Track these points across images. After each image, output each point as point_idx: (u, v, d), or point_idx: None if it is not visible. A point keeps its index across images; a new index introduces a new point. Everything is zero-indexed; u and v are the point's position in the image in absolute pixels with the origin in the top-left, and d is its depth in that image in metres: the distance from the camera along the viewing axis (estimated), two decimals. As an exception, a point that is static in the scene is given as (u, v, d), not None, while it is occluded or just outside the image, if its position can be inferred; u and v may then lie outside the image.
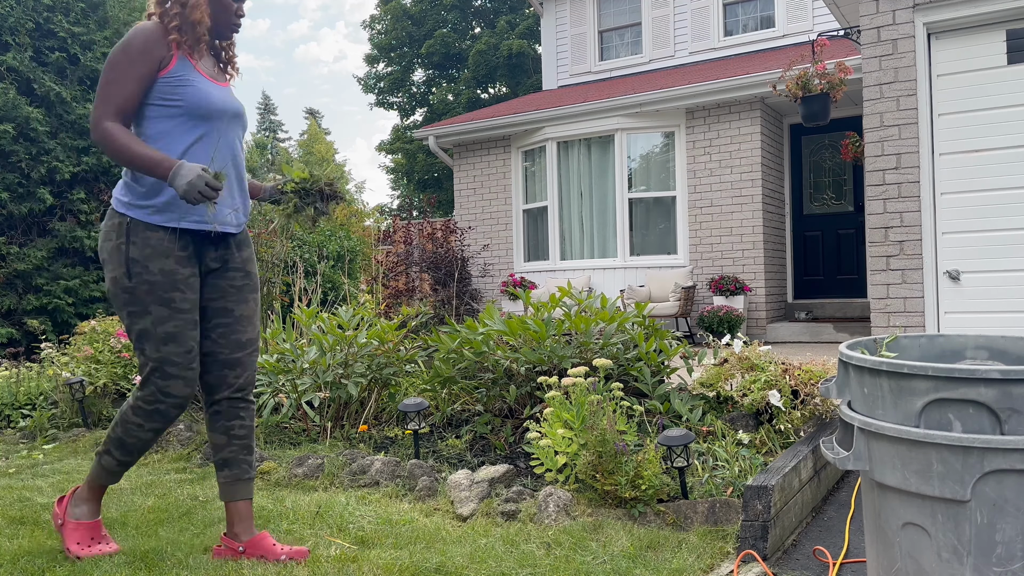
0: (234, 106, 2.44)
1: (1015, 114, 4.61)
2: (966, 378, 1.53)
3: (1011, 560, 1.54)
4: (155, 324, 2.31)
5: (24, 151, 7.71)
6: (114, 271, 2.33)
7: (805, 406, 3.41)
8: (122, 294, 2.33)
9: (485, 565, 2.31)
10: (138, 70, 2.26)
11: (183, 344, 2.33)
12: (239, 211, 2.47)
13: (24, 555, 2.46)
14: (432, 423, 4.01)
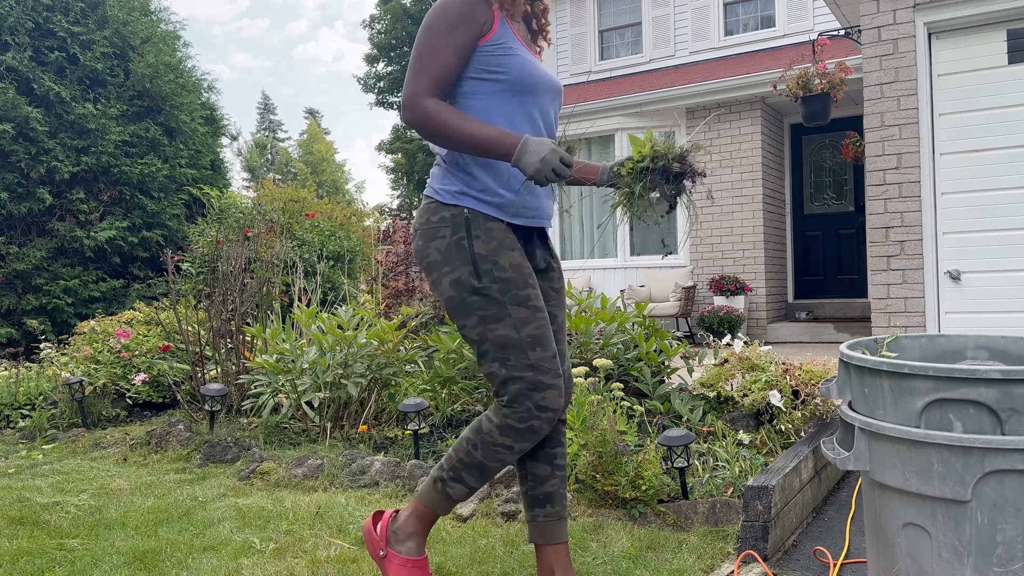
0: (555, 81, 2.08)
1: (1016, 114, 4.61)
2: (967, 378, 1.53)
3: (1011, 560, 1.54)
4: (518, 328, 1.93)
5: (23, 151, 7.70)
6: (456, 272, 1.95)
7: (806, 406, 3.41)
8: (471, 297, 1.94)
9: (485, 566, 2.30)
10: (458, 38, 1.90)
11: (549, 347, 1.95)
12: (552, 201, 2.14)
13: (24, 555, 2.46)
14: (432, 423, 4.01)
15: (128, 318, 5.77)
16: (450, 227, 1.96)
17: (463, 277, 1.95)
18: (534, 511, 2.06)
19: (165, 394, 5.07)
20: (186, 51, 9.83)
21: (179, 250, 8.67)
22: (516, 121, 1.97)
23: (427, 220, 2.00)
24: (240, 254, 4.80)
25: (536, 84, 1.99)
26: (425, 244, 2.00)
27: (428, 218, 2.00)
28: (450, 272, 1.96)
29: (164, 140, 8.99)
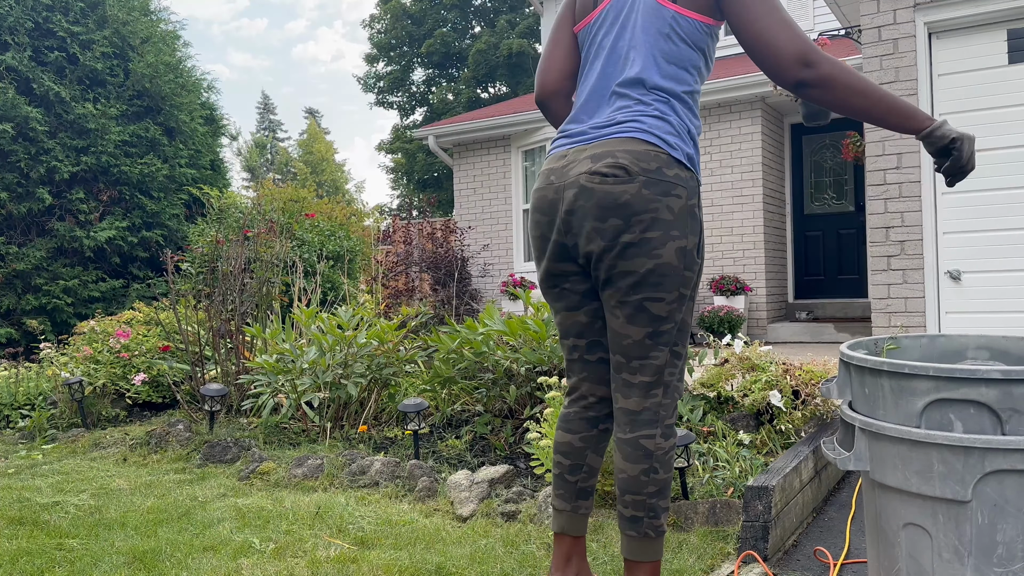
0: None
1: (1015, 114, 4.61)
2: (967, 378, 1.53)
3: (1012, 560, 1.54)
4: (690, 315, 1.86)
5: (23, 151, 7.70)
6: (686, 241, 1.77)
7: (806, 406, 3.41)
8: (685, 272, 1.78)
9: (485, 566, 2.30)
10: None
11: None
12: None
13: (24, 555, 2.45)
14: (432, 423, 4.00)
15: (128, 318, 5.77)
16: (686, 189, 1.77)
17: (689, 247, 1.78)
18: (578, 503, 1.98)
19: (165, 394, 5.06)
20: (186, 51, 9.83)
21: (179, 250, 8.67)
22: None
23: (659, 170, 1.74)
24: (240, 254, 4.80)
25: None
26: (656, 196, 1.73)
27: (661, 168, 1.74)
28: (680, 238, 1.76)
29: (164, 140, 8.99)
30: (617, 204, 1.75)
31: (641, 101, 1.83)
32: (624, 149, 1.77)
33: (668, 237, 1.75)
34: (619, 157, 1.76)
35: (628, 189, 1.74)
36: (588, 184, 1.77)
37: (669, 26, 1.81)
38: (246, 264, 4.85)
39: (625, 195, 1.74)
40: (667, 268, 1.76)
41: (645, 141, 1.78)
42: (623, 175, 1.75)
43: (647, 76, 1.82)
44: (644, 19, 1.83)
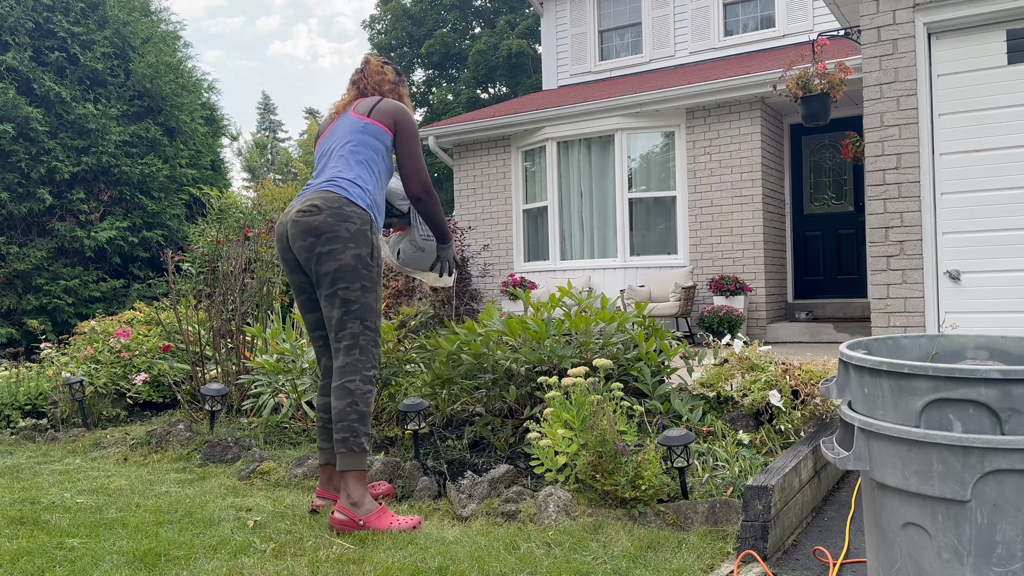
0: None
1: (1015, 114, 4.61)
2: (966, 378, 1.53)
3: (1011, 560, 1.54)
4: (376, 302, 2.85)
5: (24, 151, 7.70)
6: (359, 249, 2.80)
7: (805, 406, 3.41)
8: (362, 270, 2.80)
9: (486, 565, 2.30)
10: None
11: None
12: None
13: (24, 555, 2.46)
14: (432, 423, 4.01)
15: (128, 318, 5.77)
16: (360, 219, 2.83)
17: (363, 254, 2.81)
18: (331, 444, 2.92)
19: (165, 394, 5.07)
20: (186, 51, 9.83)
21: (179, 250, 8.67)
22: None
23: (340, 207, 2.81)
24: (240, 254, 4.80)
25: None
26: (336, 222, 2.78)
27: (342, 207, 2.81)
28: (355, 247, 2.79)
29: (164, 140, 8.99)
30: (320, 231, 2.79)
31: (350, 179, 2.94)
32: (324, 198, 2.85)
33: (346, 247, 2.78)
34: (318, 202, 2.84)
35: (319, 221, 2.80)
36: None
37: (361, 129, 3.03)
38: (247, 264, 4.85)
39: (319, 225, 2.79)
40: (345, 268, 2.78)
41: (335, 193, 2.85)
42: (313, 212, 2.81)
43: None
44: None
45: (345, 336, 2.80)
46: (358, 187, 2.88)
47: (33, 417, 4.86)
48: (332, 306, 2.80)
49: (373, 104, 3.05)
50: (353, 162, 2.93)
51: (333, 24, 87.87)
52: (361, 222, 2.82)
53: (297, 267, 2.94)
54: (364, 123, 3.00)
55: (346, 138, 2.99)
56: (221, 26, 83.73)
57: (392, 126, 3.01)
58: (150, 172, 8.59)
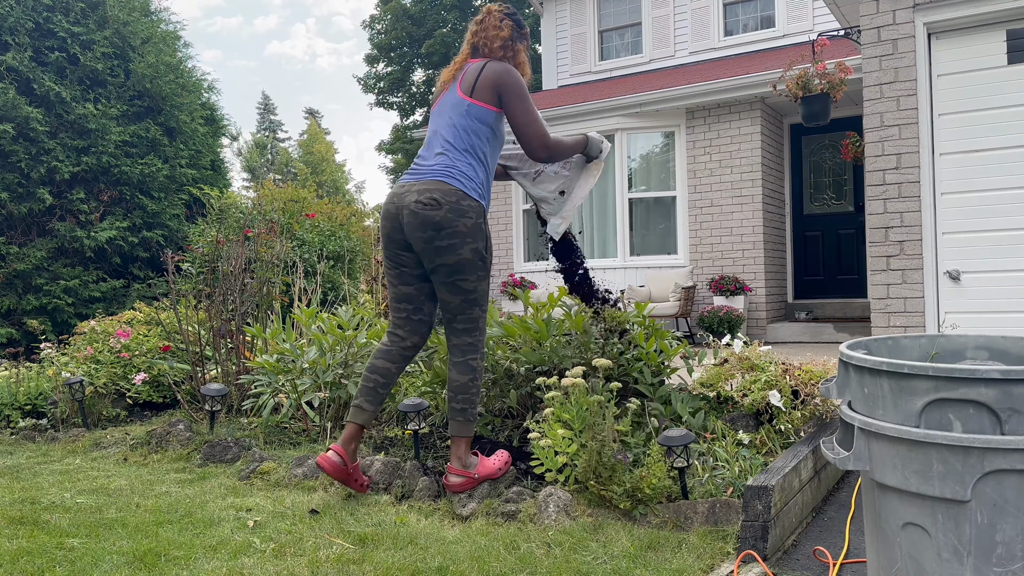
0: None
1: (1015, 114, 4.61)
2: (966, 378, 1.53)
3: (1011, 560, 1.54)
4: (488, 285, 3.07)
5: (24, 151, 7.70)
6: (476, 243, 2.95)
7: (805, 406, 3.41)
8: (478, 261, 2.97)
9: (486, 565, 2.30)
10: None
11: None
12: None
13: (24, 555, 2.46)
14: (432, 423, 4.01)
15: (128, 318, 5.77)
16: (476, 212, 2.96)
17: (480, 247, 2.97)
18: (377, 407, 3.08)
19: (165, 394, 5.07)
20: (186, 51, 9.83)
21: (179, 250, 8.67)
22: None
23: (458, 202, 2.91)
24: (240, 254, 4.80)
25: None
26: (456, 218, 2.90)
27: (459, 200, 2.91)
28: (472, 242, 2.94)
29: (164, 140, 8.99)
30: (440, 225, 2.92)
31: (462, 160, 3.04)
32: (442, 191, 2.94)
33: (464, 242, 2.94)
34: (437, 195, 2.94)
35: (440, 215, 2.92)
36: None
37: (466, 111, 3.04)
38: (246, 264, 4.85)
39: (441, 219, 2.92)
40: (465, 261, 2.95)
41: (452, 186, 2.95)
42: (434, 205, 2.92)
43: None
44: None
45: (465, 320, 3.02)
46: (471, 179, 2.96)
47: (33, 417, 4.86)
48: (452, 294, 3.00)
49: (476, 76, 3.00)
50: (462, 150, 2.98)
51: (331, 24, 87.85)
52: (476, 215, 2.95)
53: (404, 247, 3.03)
54: (467, 104, 2.99)
55: (453, 120, 3.00)
56: (219, 26, 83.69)
57: (496, 100, 3.00)
58: (150, 172, 8.59)
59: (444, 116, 3.05)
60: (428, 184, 2.93)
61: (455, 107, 3.01)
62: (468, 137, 2.99)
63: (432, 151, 3.03)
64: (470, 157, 2.98)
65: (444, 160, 2.96)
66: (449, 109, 3.03)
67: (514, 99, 2.99)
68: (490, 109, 2.99)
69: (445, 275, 2.95)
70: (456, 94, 3.03)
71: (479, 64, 3.03)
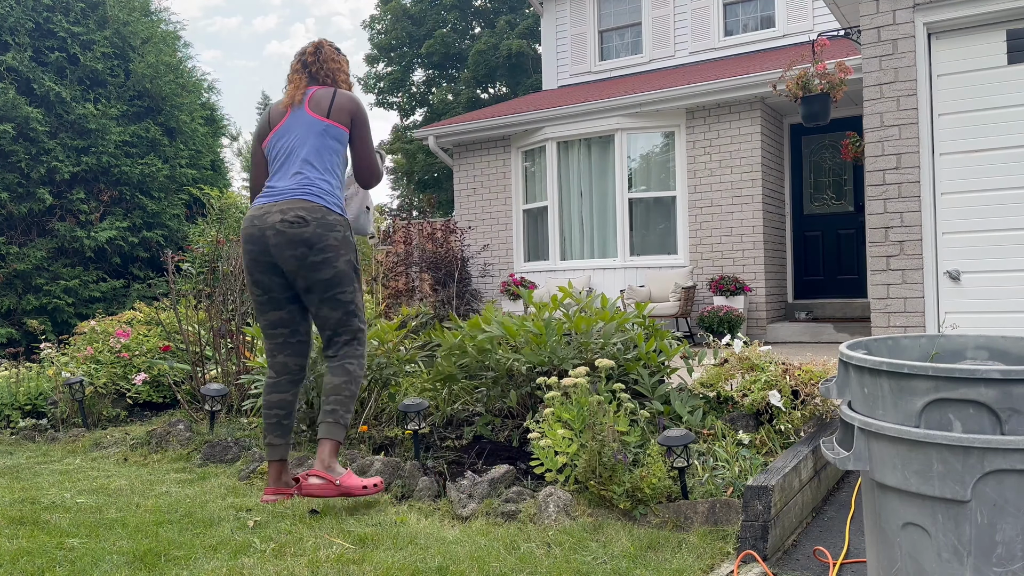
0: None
1: (1015, 114, 4.61)
2: (966, 378, 1.53)
3: (1011, 560, 1.54)
4: (362, 298, 3.17)
5: (24, 151, 7.70)
6: (349, 255, 3.06)
7: (805, 406, 3.41)
8: (352, 273, 3.07)
9: (486, 565, 2.30)
10: None
11: None
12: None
13: (24, 555, 2.46)
14: (432, 423, 4.01)
15: (128, 318, 5.77)
16: (343, 226, 3.07)
17: (352, 259, 3.07)
18: (288, 438, 3.15)
19: (165, 394, 5.07)
20: (186, 51, 9.83)
21: (179, 250, 8.67)
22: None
23: (323, 217, 3.00)
24: (240, 254, 4.80)
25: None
26: (325, 232, 2.98)
27: (325, 216, 3.01)
28: (345, 254, 3.04)
29: (164, 140, 8.99)
30: (312, 241, 2.97)
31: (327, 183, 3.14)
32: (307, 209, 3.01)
33: (338, 255, 3.02)
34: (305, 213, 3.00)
35: (310, 232, 2.98)
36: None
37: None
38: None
39: (310, 236, 2.97)
40: (341, 273, 3.03)
41: (315, 203, 3.03)
42: (302, 223, 2.98)
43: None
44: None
45: (347, 332, 3.08)
46: (332, 195, 3.08)
47: (33, 417, 4.86)
48: (332, 309, 3.03)
49: (330, 100, 3.13)
50: (322, 168, 3.09)
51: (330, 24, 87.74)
52: (344, 229, 3.06)
53: (271, 270, 3.05)
54: (325, 125, 3.11)
55: (309, 140, 3.10)
56: (218, 26, 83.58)
57: (349, 124, 3.16)
58: (150, 172, 8.58)
59: (295, 137, 3.12)
60: (290, 203, 2.99)
61: (310, 127, 3.10)
62: (329, 156, 3.11)
63: (288, 171, 3.09)
64: (329, 175, 3.09)
65: (303, 179, 3.04)
66: (303, 129, 3.11)
67: (363, 130, 3.18)
68: (345, 131, 3.14)
69: (323, 291, 2.99)
70: (308, 115, 3.12)
71: (328, 90, 3.17)
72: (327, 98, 3.13)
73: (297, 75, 3.21)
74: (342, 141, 3.15)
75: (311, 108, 3.12)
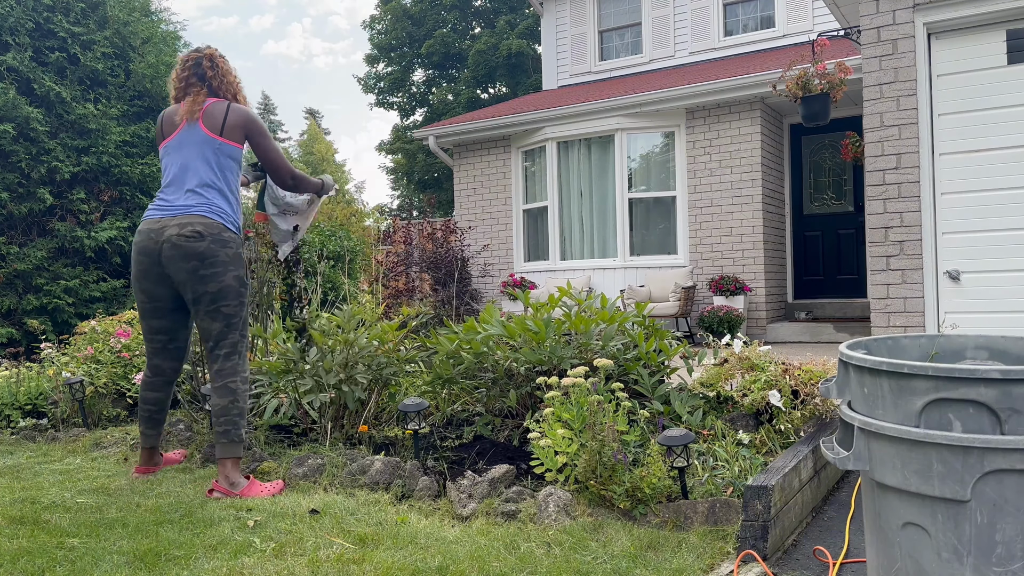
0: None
1: (1015, 114, 4.61)
2: (966, 378, 1.53)
3: (1011, 560, 1.55)
4: (248, 312, 3.32)
5: (24, 151, 7.70)
6: (238, 271, 3.22)
7: (805, 406, 3.41)
8: (241, 288, 3.24)
9: (486, 565, 2.31)
10: None
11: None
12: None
13: (25, 554, 2.46)
14: (432, 423, 4.01)
15: (129, 318, 5.77)
16: (235, 243, 3.25)
17: (241, 275, 3.24)
18: (159, 430, 3.51)
19: (165, 394, 5.05)
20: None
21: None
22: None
23: (219, 233, 3.20)
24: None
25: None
26: (218, 248, 3.18)
27: (220, 233, 3.20)
28: (234, 270, 3.21)
29: (164, 140, 8.98)
30: (203, 256, 3.15)
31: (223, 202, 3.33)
32: (205, 225, 3.19)
33: (227, 270, 3.20)
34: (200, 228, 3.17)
35: (203, 247, 3.16)
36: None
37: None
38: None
39: (203, 251, 3.15)
40: (229, 288, 3.20)
41: (213, 220, 3.22)
42: (197, 238, 3.15)
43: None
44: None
45: (226, 345, 3.23)
46: (229, 213, 3.27)
47: (33, 417, 4.86)
48: (214, 320, 3.21)
49: (223, 118, 3.29)
50: (221, 185, 3.28)
51: (327, 23, 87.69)
52: (236, 245, 3.26)
53: (160, 280, 3.26)
54: (219, 144, 3.28)
55: (205, 156, 3.27)
56: (215, 25, 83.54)
57: (243, 139, 3.35)
58: (151, 172, 8.59)
59: (190, 152, 3.27)
60: (188, 219, 3.18)
61: (205, 145, 3.27)
62: (221, 174, 3.29)
63: (183, 187, 3.25)
64: (226, 192, 3.29)
65: (199, 197, 3.23)
66: (198, 146, 3.27)
67: (263, 139, 3.36)
68: (239, 147, 3.34)
69: (208, 303, 3.18)
70: (203, 132, 3.28)
71: (222, 105, 3.32)
72: (221, 114, 3.29)
73: (195, 88, 3.36)
74: (236, 158, 3.34)
75: (205, 124, 3.28)
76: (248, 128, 3.34)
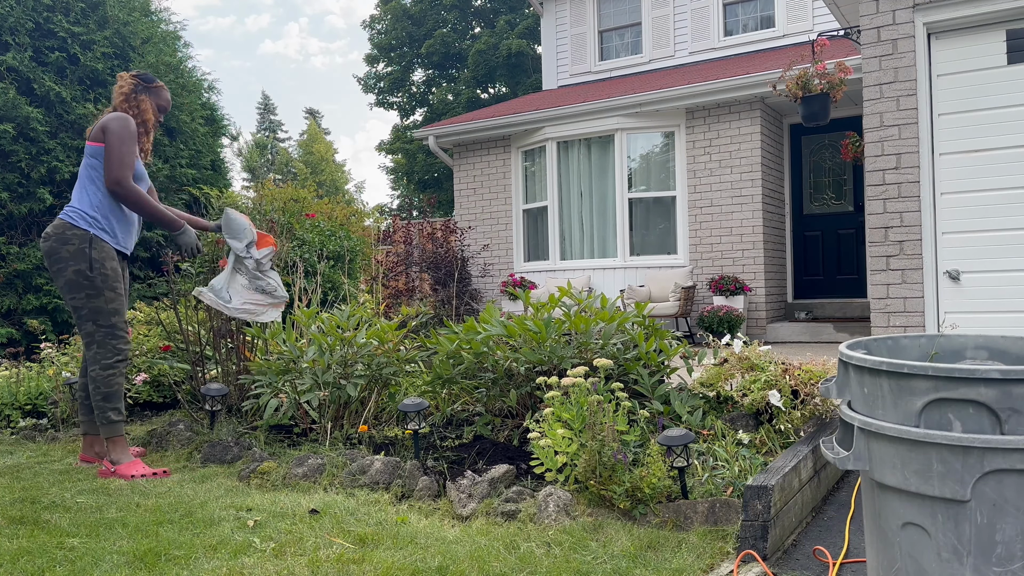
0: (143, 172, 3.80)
1: (1015, 114, 4.61)
2: (966, 378, 1.53)
3: (1011, 560, 1.55)
4: (108, 302, 3.55)
5: (24, 151, 7.70)
6: (79, 265, 3.49)
7: (805, 406, 3.41)
8: (83, 281, 3.50)
9: (486, 565, 2.31)
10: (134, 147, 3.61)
11: (124, 315, 3.65)
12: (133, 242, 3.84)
13: (24, 554, 2.46)
14: (432, 423, 4.01)
15: (128, 318, 5.77)
16: (79, 239, 3.50)
17: (83, 269, 3.49)
18: (93, 415, 3.70)
19: (165, 394, 5.07)
20: (186, 51, 9.83)
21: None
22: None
23: (63, 232, 3.51)
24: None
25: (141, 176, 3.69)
26: (59, 246, 3.50)
27: (64, 231, 3.51)
28: (74, 265, 3.48)
29: (164, 140, 8.99)
30: (50, 253, 3.54)
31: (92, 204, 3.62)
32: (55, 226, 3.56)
33: (67, 266, 3.50)
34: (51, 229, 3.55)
35: (49, 246, 3.53)
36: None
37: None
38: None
39: (50, 250, 3.53)
40: (70, 282, 3.51)
41: (64, 219, 3.55)
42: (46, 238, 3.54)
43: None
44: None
45: (83, 335, 3.58)
46: (80, 211, 3.54)
47: (33, 417, 4.86)
48: (72, 312, 3.57)
49: (97, 124, 3.58)
50: (83, 187, 3.59)
51: (323, 23, 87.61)
52: (79, 242, 3.50)
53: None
54: (90, 148, 3.61)
55: (83, 163, 3.62)
56: (212, 25, 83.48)
57: (103, 138, 3.56)
58: (150, 172, 8.58)
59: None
60: (54, 222, 3.58)
61: (86, 152, 3.64)
62: (87, 172, 3.59)
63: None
64: (89, 193, 3.57)
65: (71, 201, 3.62)
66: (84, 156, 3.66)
67: (109, 136, 3.53)
68: (100, 146, 3.57)
69: (63, 297, 3.56)
70: (87, 142, 3.66)
71: (104, 117, 3.62)
72: (98, 123, 3.60)
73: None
74: (98, 157, 3.58)
75: (89, 133, 3.65)
76: (105, 125, 3.55)
